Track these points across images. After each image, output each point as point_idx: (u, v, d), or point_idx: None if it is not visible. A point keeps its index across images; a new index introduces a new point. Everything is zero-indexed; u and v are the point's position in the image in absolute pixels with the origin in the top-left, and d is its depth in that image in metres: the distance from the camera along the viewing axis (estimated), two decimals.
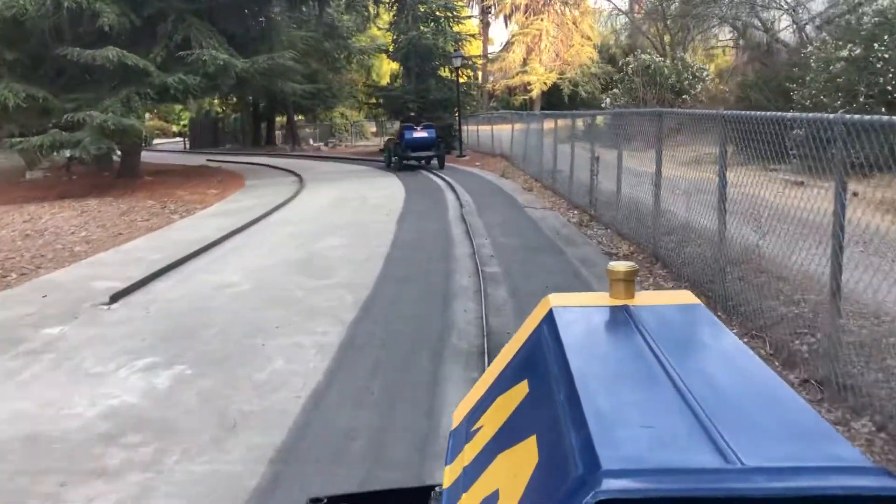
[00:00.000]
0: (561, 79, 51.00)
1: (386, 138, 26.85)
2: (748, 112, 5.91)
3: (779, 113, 5.83)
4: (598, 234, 9.93)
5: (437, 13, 29.57)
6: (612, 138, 10.35)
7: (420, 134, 21.41)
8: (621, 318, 1.41)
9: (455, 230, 11.08)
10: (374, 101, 31.54)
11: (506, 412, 1.35)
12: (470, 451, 1.39)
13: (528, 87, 51.10)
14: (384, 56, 35.49)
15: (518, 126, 21.66)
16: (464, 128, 27.43)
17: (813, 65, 15.44)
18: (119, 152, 20.76)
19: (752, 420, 1.02)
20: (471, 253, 9.22)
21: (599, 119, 13.10)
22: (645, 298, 1.50)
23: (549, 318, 1.43)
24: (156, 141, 48.86)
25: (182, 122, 52.55)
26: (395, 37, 30.07)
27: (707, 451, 0.92)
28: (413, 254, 9.34)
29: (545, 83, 50.92)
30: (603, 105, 31.09)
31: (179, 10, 18.07)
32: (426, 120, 27.58)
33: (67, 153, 19.84)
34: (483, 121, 27.76)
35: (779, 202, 5.23)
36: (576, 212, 12.04)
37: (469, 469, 1.34)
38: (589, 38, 53.36)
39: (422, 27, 28.60)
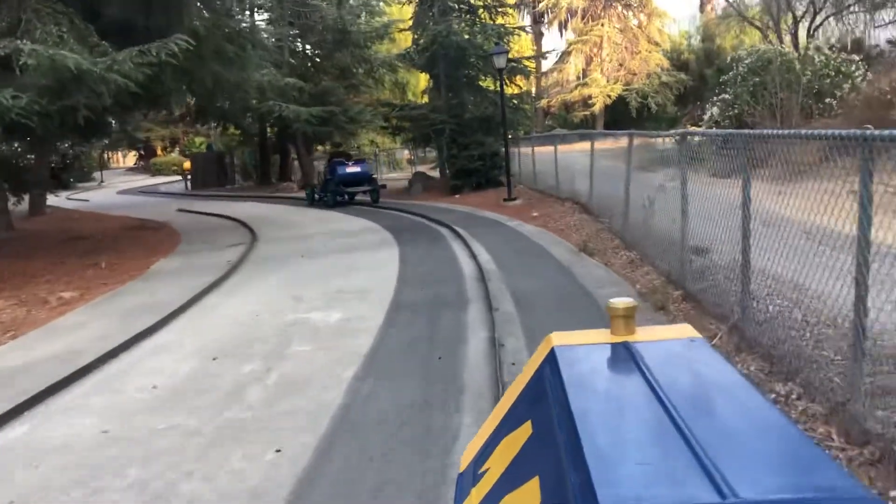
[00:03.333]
0: (627, 90, 41.73)
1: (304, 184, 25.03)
2: None
3: None
4: None
5: (474, 1, 20.70)
6: None
7: (352, 169, 19.58)
8: (622, 355, 1.36)
9: None
10: (394, 122, 22.78)
11: (511, 454, 1.31)
12: (476, 495, 1.34)
13: (590, 101, 41.94)
14: (421, 73, 26.75)
15: (602, 147, 12.58)
16: (513, 154, 18.40)
17: None
18: None
19: (749, 453, 0.99)
20: None
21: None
22: (646, 334, 1.44)
23: (551, 357, 1.38)
24: (160, 180, 41.56)
25: None
26: (416, 36, 21.35)
27: (703, 487, 0.89)
28: None
29: (609, 96, 41.73)
30: (707, 116, 21.77)
31: None
32: (464, 145, 18.87)
33: None
34: (542, 142, 18.68)
35: None
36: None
37: None
38: (657, 44, 44.01)
39: (454, 23, 19.75)
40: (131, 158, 61.31)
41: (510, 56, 19.67)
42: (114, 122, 16.39)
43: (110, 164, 60.92)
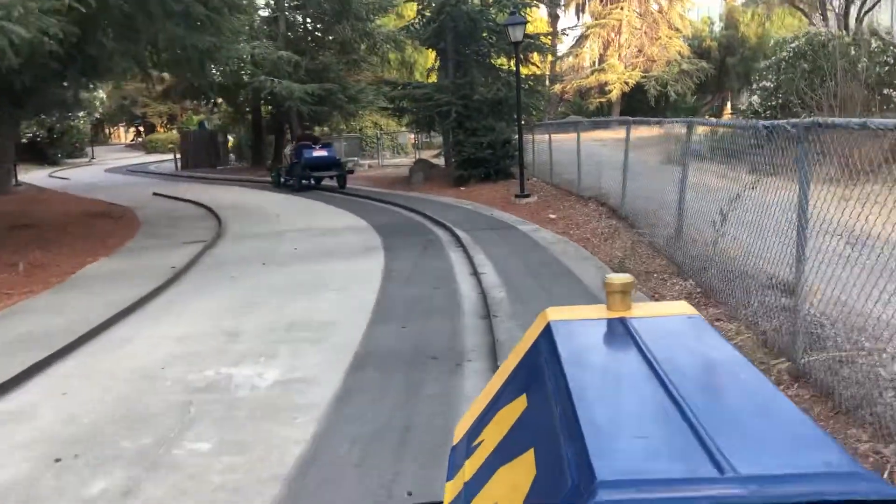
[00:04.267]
0: (645, 77, 39.17)
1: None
2: None
3: None
4: None
5: None
6: None
7: (319, 153, 18.57)
8: (618, 331, 1.34)
9: None
10: (395, 103, 20.16)
11: (505, 426, 1.28)
12: (470, 467, 1.32)
13: (607, 88, 39.38)
14: (431, 51, 24.05)
15: (642, 136, 10.16)
16: (526, 142, 15.91)
17: None
18: None
19: (747, 429, 0.97)
20: None
21: None
22: (642, 310, 1.40)
23: (547, 332, 1.35)
24: (154, 158, 39.22)
25: None
26: (421, 6, 18.80)
27: (702, 461, 0.87)
28: None
29: (626, 83, 39.14)
30: (745, 106, 19.33)
31: None
32: (471, 130, 16.47)
33: None
34: (561, 129, 16.23)
35: None
36: None
37: (469, 484, 1.26)
38: (678, 30, 41.34)
39: None
40: (132, 134, 59.02)
41: (526, 32, 17.14)
42: (79, 89, 13.84)
43: (111, 139, 58.70)
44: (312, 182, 18.82)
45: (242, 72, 20.72)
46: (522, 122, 14.99)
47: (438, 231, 10.92)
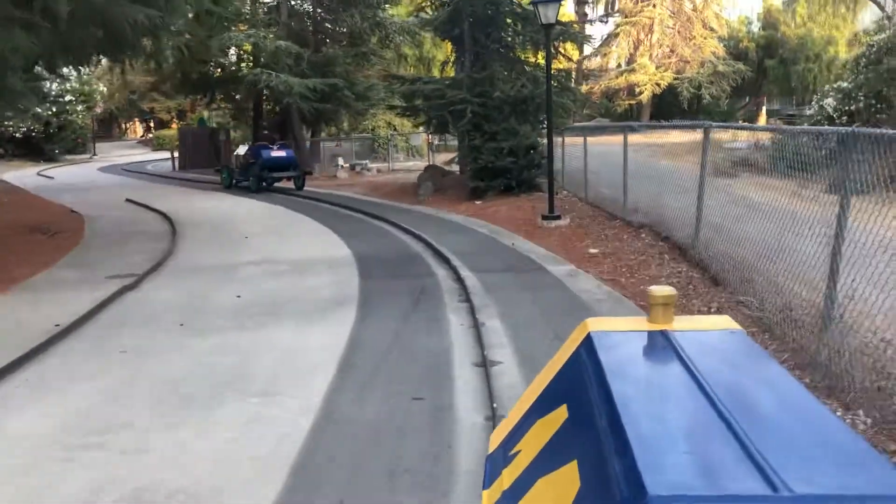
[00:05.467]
0: (678, 79, 36.05)
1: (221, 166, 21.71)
2: None
3: None
4: None
5: None
6: None
7: (278, 153, 18.01)
8: (661, 343, 1.29)
9: None
10: (409, 101, 17.07)
11: (545, 436, 1.24)
12: (509, 476, 1.27)
13: (637, 90, 36.24)
14: (448, 44, 20.84)
15: (678, 142, 7.07)
16: (555, 148, 12.73)
17: None
18: None
19: (798, 447, 0.92)
20: None
21: None
22: (684, 323, 1.35)
23: (588, 343, 1.31)
24: (159, 155, 36.61)
25: None
26: None
27: (755, 479, 0.83)
28: None
29: (658, 84, 36.02)
30: (812, 111, 16.07)
31: None
32: (490, 134, 13.49)
33: None
34: (598, 133, 13.08)
35: None
36: None
37: (508, 493, 1.22)
38: (713, 30, 38.17)
39: None
40: (143, 130, 56.78)
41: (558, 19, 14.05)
42: None
43: (127, 135, 56.50)
44: (266, 184, 18.00)
45: (242, 63, 17.90)
46: (551, 126, 11.92)
47: (440, 270, 7.94)
